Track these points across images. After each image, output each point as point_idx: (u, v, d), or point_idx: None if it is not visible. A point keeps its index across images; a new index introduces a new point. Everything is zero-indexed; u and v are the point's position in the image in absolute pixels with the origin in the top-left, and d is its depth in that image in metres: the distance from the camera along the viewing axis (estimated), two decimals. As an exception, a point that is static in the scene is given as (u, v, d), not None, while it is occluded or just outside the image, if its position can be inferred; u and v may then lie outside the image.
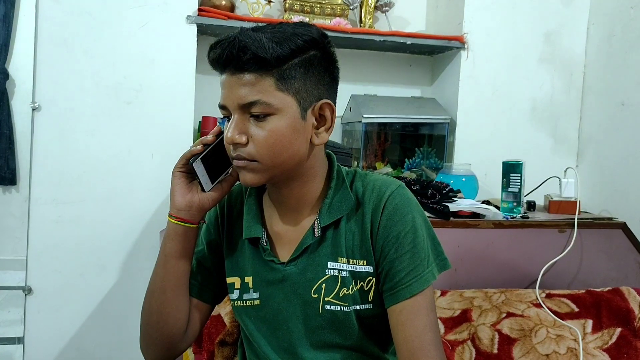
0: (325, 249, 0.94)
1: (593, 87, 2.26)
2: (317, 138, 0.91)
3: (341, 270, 0.93)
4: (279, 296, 0.95)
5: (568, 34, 2.27)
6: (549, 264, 1.71)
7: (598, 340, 1.50)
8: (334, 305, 0.92)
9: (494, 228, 1.71)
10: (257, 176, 0.89)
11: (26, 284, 1.85)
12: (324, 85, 0.90)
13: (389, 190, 0.93)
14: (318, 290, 0.93)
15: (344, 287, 0.92)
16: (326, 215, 0.93)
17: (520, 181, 1.81)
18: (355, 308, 0.92)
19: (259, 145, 0.86)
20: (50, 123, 1.83)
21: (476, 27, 2.18)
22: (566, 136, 2.31)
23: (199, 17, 1.91)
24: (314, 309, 0.93)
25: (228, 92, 0.86)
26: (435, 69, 2.39)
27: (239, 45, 0.82)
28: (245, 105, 0.85)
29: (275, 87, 0.84)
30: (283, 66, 0.84)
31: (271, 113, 0.85)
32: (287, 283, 0.95)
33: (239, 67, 0.83)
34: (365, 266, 0.93)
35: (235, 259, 1.01)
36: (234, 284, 0.99)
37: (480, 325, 1.48)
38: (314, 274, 0.93)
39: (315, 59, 0.87)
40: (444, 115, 2.17)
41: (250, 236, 0.97)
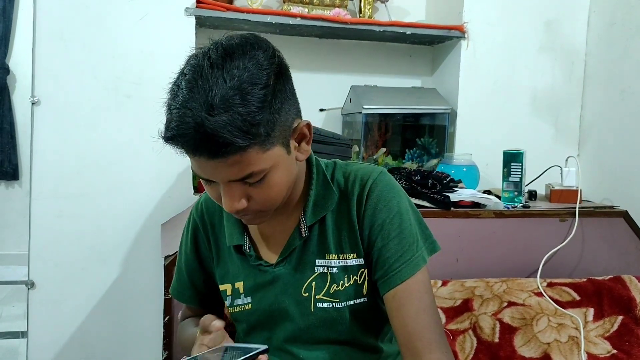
0: (313, 247, 0.93)
1: (594, 76, 2.25)
2: (302, 154, 0.88)
3: (330, 267, 0.92)
4: (270, 298, 0.95)
5: (569, 22, 2.26)
6: (550, 253, 1.72)
7: (599, 329, 1.50)
8: (325, 303, 0.92)
9: (495, 218, 1.71)
10: (264, 219, 0.88)
11: (29, 279, 1.85)
12: (292, 107, 0.84)
13: (371, 179, 0.91)
14: (308, 288, 0.92)
15: (334, 283, 0.92)
16: (311, 214, 0.92)
17: (521, 171, 1.81)
18: (349, 303, 0.92)
19: (263, 202, 0.83)
20: (50, 117, 1.82)
21: (476, 16, 2.17)
22: (567, 125, 2.30)
23: (197, 9, 1.90)
24: (305, 308, 0.93)
25: (210, 172, 0.79)
26: (436, 59, 2.38)
27: (207, 133, 0.73)
28: (237, 180, 0.79)
29: (262, 151, 0.78)
30: (262, 133, 0.76)
31: (266, 173, 0.80)
32: (277, 284, 0.94)
33: (217, 155, 0.75)
34: (355, 259, 0.92)
35: (225, 266, 1.00)
36: (226, 291, 1.00)
37: (482, 315, 1.48)
38: (303, 272, 0.93)
39: (280, 91, 0.80)
40: (445, 105, 2.17)
41: (232, 243, 0.97)
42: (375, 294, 0.93)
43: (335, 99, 2.27)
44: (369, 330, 0.96)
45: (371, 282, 0.92)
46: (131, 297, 1.93)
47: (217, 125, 0.72)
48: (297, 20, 2.00)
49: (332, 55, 2.29)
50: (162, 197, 1.92)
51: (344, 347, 0.95)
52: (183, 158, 1.94)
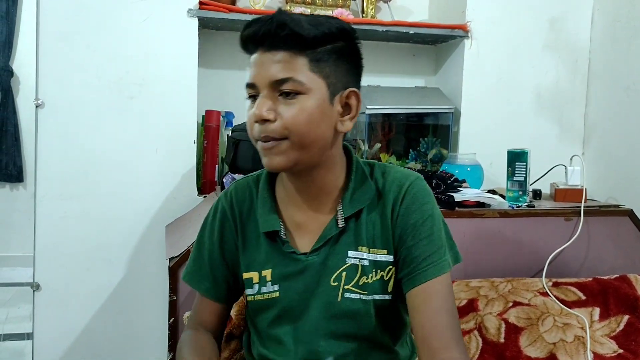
0: (346, 238, 0.95)
1: (598, 74, 2.24)
2: (342, 126, 0.92)
3: (361, 259, 0.94)
4: (299, 287, 0.95)
5: (573, 20, 2.25)
6: (556, 252, 1.71)
7: (605, 328, 1.49)
8: (353, 294, 0.93)
9: (500, 217, 1.70)
10: (285, 158, 0.88)
11: (34, 280, 1.86)
12: (351, 75, 0.92)
13: (409, 181, 0.95)
14: (338, 278, 0.94)
15: (364, 275, 0.93)
16: (349, 206, 0.94)
17: (525, 170, 1.80)
18: (375, 298, 0.94)
19: (288, 122, 0.86)
20: (54, 120, 1.83)
21: (479, 15, 2.16)
22: (572, 123, 2.29)
23: (200, 10, 1.90)
24: (333, 297, 0.94)
25: (259, 69, 0.87)
26: (439, 58, 2.38)
27: (277, 22, 0.84)
28: (276, 82, 0.86)
29: (308, 67, 0.86)
30: (317, 49, 0.86)
31: (302, 92, 0.86)
32: (308, 273, 0.95)
33: (274, 44, 0.85)
34: (386, 255, 0.94)
35: (251, 254, 1.00)
36: (252, 279, 0.99)
37: (487, 315, 1.48)
38: (335, 262, 0.94)
39: (346, 49, 0.90)
40: (448, 104, 2.16)
41: (268, 230, 0.97)
42: (398, 294, 0.95)
43: (338, 99, 2.26)
44: (387, 330, 0.97)
45: (396, 281, 0.94)
46: (136, 299, 1.93)
47: (287, 17, 0.85)
48: (300, 21, 2.00)
49: (335, 56, 2.28)
50: (166, 199, 1.92)
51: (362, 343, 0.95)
52: (186, 158, 1.94)
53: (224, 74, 2.20)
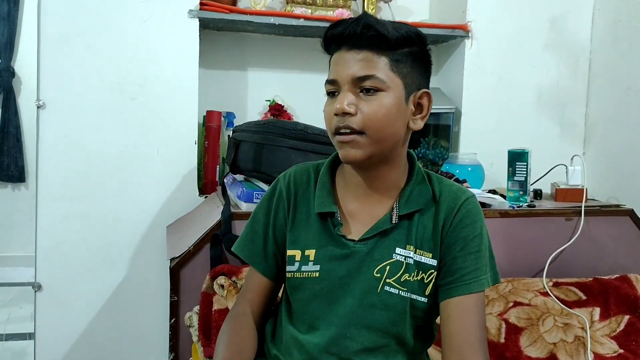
0: (397, 235, 0.98)
1: (599, 73, 2.24)
2: (414, 124, 0.97)
3: (407, 257, 0.96)
4: (341, 271, 0.98)
5: (573, 19, 2.25)
6: (556, 252, 1.71)
7: (606, 328, 1.49)
8: (393, 288, 0.96)
9: (500, 217, 1.70)
10: (361, 151, 0.93)
11: (35, 281, 1.86)
12: (424, 77, 0.98)
13: (465, 196, 0.99)
14: (381, 270, 0.96)
15: (407, 273, 0.96)
16: (405, 205, 0.98)
17: (526, 170, 1.80)
18: (412, 297, 0.96)
19: (368, 117, 0.91)
20: (56, 120, 1.83)
21: (480, 15, 2.16)
22: (572, 123, 2.29)
23: (201, 11, 1.91)
24: (373, 287, 0.96)
25: (342, 66, 0.92)
26: (440, 58, 2.38)
27: (364, 23, 0.90)
28: (358, 78, 0.91)
29: (389, 66, 0.91)
30: (397, 50, 0.91)
31: (381, 89, 0.91)
32: (352, 260, 0.98)
33: (358, 44, 0.91)
34: (430, 259, 0.97)
35: (298, 233, 1.03)
36: (295, 257, 1.02)
37: (487, 315, 1.48)
38: (381, 255, 0.97)
39: (420, 53, 0.96)
40: (449, 104, 2.16)
41: (323, 210, 1.01)
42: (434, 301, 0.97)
43: (339, 99, 2.27)
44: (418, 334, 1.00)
45: (436, 286, 0.97)
46: (137, 299, 1.93)
47: (373, 19, 0.90)
48: (301, 22, 2.00)
49: (336, 56, 2.28)
50: (167, 199, 1.92)
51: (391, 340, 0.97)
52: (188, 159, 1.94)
53: (225, 75, 2.20)
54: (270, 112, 2.20)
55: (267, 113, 2.21)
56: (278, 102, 2.21)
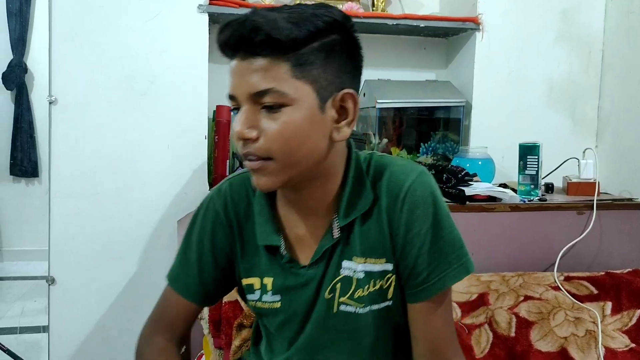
0: (341, 248, 0.88)
1: (612, 66, 2.21)
2: (338, 133, 0.82)
3: (356, 270, 0.87)
4: (301, 299, 0.91)
5: (585, 11, 2.22)
6: (568, 246, 1.70)
7: (617, 322, 1.48)
8: (348, 306, 0.88)
9: (511, 211, 1.70)
10: (273, 179, 0.80)
11: (49, 274, 1.88)
12: (345, 73, 0.82)
13: (408, 182, 0.85)
14: (332, 290, 0.88)
15: (359, 288, 0.88)
16: (344, 215, 0.87)
17: (537, 163, 1.79)
18: (373, 308, 0.89)
19: (273, 140, 0.77)
20: (67, 116, 1.85)
21: (491, 7, 2.14)
22: (585, 116, 2.27)
23: (210, 5, 1.91)
24: (329, 310, 0.89)
25: (238, 80, 0.78)
26: (450, 51, 2.36)
27: (250, 25, 0.74)
28: (256, 94, 0.76)
29: (291, 74, 0.76)
30: (300, 50, 0.76)
31: (286, 104, 0.76)
32: (308, 287, 0.90)
33: (250, 50, 0.76)
34: (384, 264, 0.87)
35: (251, 261, 0.94)
36: (253, 285, 0.94)
37: (498, 309, 1.47)
38: (330, 274, 0.89)
39: (337, 43, 0.80)
40: (460, 98, 2.15)
41: (267, 244, 0.91)
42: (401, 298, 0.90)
43: (349, 93, 2.26)
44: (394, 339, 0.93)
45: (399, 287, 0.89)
46: (148, 293, 1.93)
47: (262, 18, 0.74)
48: (310, 15, 1.99)
49: (346, 50, 2.28)
50: (177, 194, 1.93)
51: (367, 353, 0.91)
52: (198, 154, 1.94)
53: (235, 69, 2.20)
54: (280, 107, 2.20)
55: (277, 107, 2.21)
56: (288, 97, 2.20)
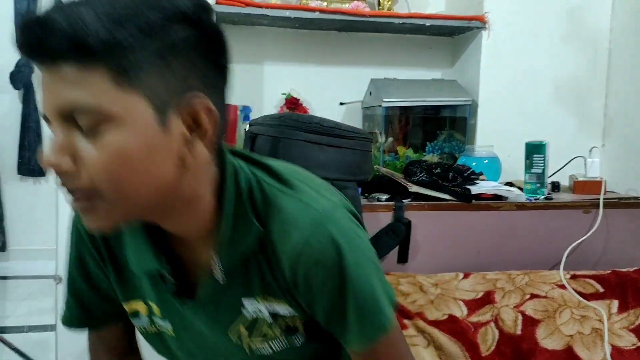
0: (236, 286, 0.72)
1: (619, 64, 2.21)
2: (192, 156, 0.63)
3: (260, 309, 0.73)
4: (195, 336, 0.77)
5: (592, 9, 2.22)
6: (574, 245, 1.70)
7: (624, 321, 1.48)
8: (261, 347, 0.75)
9: (517, 210, 1.70)
10: (106, 219, 0.62)
11: (56, 274, 1.89)
12: (197, 77, 0.62)
13: (302, 238, 0.67)
14: (237, 333, 0.75)
15: (265, 325, 0.74)
16: (227, 254, 0.70)
17: (543, 162, 1.79)
18: (293, 344, 0.76)
19: (95, 172, 0.58)
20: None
21: (497, 5, 2.14)
22: (591, 115, 2.26)
23: (217, 4, 1.92)
24: (242, 354, 0.76)
25: (45, 94, 0.59)
26: (456, 50, 2.37)
27: (48, 25, 0.55)
28: (65, 112, 0.58)
29: (112, 83, 0.57)
30: (123, 52, 0.56)
31: (107, 121, 0.57)
32: (202, 325, 0.75)
33: (54, 56, 0.56)
34: (287, 307, 0.73)
35: (129, 281, 0.78)
36: (138, 311, 0.79)
37: (504, 307, 1.48)
38: (228, 314, 0.74)
39: (183, 40, 0.60)
40: (466, 97, 2.15)
41: (144, 270, 0.75)
42: (314, 334, 0.76)
43: (355, 93, 2.27)
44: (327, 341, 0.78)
45: (310, 324, 0.75)
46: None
47: (66, 17, 0.54)
48: (316, 15, 2.00)
49: (352, 49, 2.28)
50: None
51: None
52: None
53: (241, 68, 2.21)
54: (286, 106, 2.21)
55: (283, 106, 2.22)
56: (294, 96, 2.21)
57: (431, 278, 1.56)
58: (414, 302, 1.47)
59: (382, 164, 2.06)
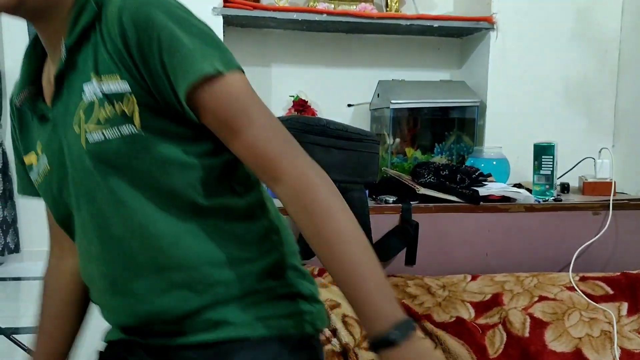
0: (78, 72, 0.76)
1: (629, 64, 2.19)
2: None
3: (95, 91, 0.74)
4: (55, 148, 0.79)
5: (601, 10, 2.20)
6: (583, 246, 1.69)
7: (634, 323, 1.47)
8: (95, 134, 0.73)
9: (526, 212, 1.69)
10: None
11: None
12: None
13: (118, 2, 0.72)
14: (78, 121, 0.75)
15: (102, 108, 0.73)
16: (70, 32, 0.75)
17: (552, 163, 1.78)
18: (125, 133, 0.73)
19: None
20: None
21: (505, 6, 2.14)
22: (601, 115, 2.25)
23: (224, 8, 1.93)
24: (79, 147, 0.75)
25: None
26: (464, 51, 2.36)
27: None
28: None
29: None
30: None
31: None
32: (58, 129, 0.78)
33: None
34: (118, 82, 0.73)
35: (28, 134, 0.85)
36: (32, 164, 0.84)
37: (512, 309, 1.47)
38: (74, 104, 0.75)
39: None
40: (474, 98, 2.14)
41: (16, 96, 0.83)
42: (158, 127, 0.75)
43: (363, 94, 2.27)
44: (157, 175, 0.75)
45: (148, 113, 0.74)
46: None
47: None
48: (324, 17, 2.01)
49: (359, 50, 2.29)
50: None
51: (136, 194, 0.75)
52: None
53: (249, 71, 2.19)
54: (294, 108, 2.21)
55: (291, 109, 2.22)
56: (302, 98, 2.22)
57: (439, 280, 1.56)
58: (422, 304, 1.47)
59: (390, 166, 2.06)
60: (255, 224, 0.81)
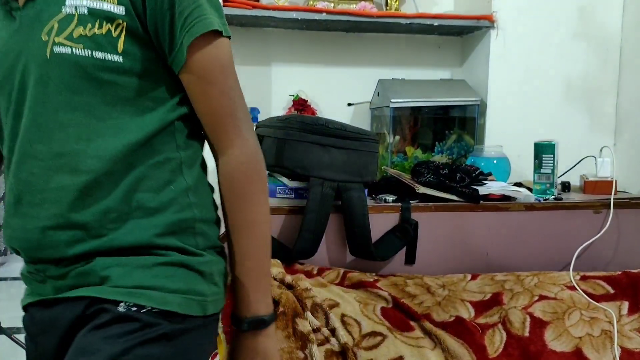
0: None
1: (631, 63, 2.18)
2: None
3: (79, 6, 0.74)
4: (11, 49, 0.77)
5: (603, 7, 2.19)
6: (584, 245, 1.68)
7: (635, 322, 1.46)
8: (63, 47, 0.73)
9: (526, 210, 1.68)
10: None
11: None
12: None
13: None
14: (49, 31, 0.74)
15: (80, 25, 0.73)
16: None
17: (553, 162, 1.78)
18: (97, 56, 0.74)
19: None
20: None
21: (505, 4, 2.13)
22: (602, 114, 2.24)
23: (224, 7, 1.92)
24: (42, 55, 0.74)
25: None
26: (465, 49, 2.35)
27: None
28: None
29: None
30: None
31: None
32: (21, 31, 0.76)
33: None
34: (114, 5, 0.74)
35: None
36: None
37: (512, 309, 1.46)
38: (49, 12, 0.75)
39: None
40: (474, 97, 2.14)
41: None
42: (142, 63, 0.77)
43: (363, 93, 2.27)
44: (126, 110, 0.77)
45: (137, 45, 0.76)
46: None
47: None
48: (323, 16, 2.00)
49: (359, 49, 2.28)
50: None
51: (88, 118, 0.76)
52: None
53: (249, 70, 2.22)
54: (294, 107, 2.21)
55: (291, 108, 2.22)
56: (302, 97, 2.22)
57: (438, 279, 1.55)
58: (421, 303, 1.47)
59: (390, 165, 2.06)
60: (178, 179, 0.83)
